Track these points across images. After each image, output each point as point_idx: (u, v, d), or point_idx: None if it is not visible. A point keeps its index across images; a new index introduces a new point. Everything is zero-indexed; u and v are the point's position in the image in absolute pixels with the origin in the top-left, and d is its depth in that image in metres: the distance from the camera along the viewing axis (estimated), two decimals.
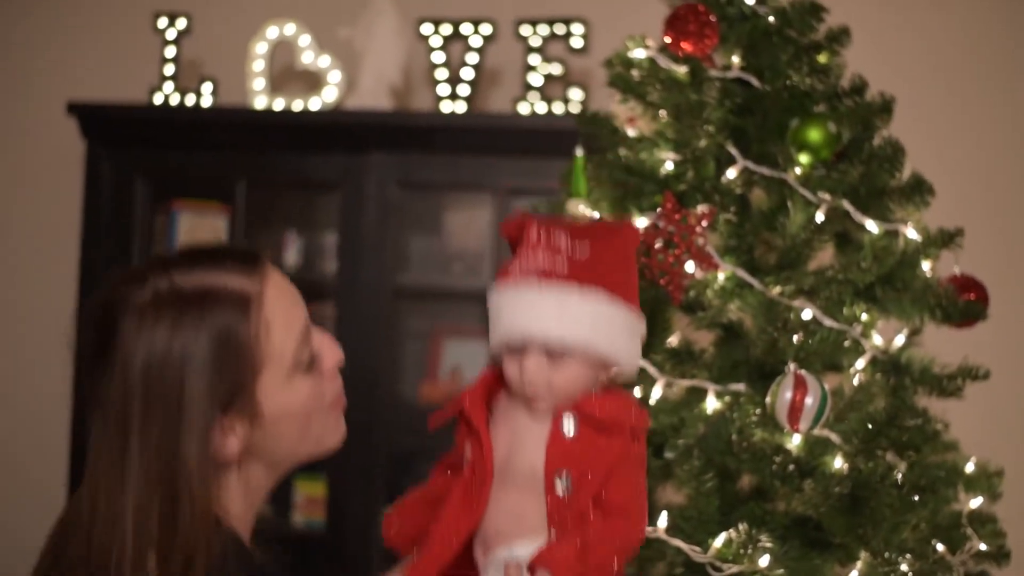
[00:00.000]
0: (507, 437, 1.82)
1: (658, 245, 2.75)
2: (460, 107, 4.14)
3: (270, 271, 1.76)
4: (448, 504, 1.81)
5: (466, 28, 4.17)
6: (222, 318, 1.67)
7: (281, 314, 1.74)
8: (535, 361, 1.77)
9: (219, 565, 1.63)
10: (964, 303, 2.99)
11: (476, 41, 4.16)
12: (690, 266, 2.77)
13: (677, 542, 2.73)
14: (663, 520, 2.73)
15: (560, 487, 1.74)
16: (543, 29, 4.13)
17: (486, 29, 4.16)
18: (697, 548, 2.72)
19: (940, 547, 2.87)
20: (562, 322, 1.75)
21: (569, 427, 1.77)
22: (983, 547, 2.99)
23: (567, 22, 4.13)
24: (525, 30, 4.14)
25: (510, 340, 1.80)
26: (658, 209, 2.79)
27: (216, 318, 1.67)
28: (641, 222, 2.84)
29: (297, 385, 1.75)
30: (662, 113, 2.99)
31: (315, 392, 1.79)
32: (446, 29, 4.19)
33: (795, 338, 2.80)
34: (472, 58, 4.16)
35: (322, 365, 1.81)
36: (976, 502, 3.04)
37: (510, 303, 1.79)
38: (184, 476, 1.63)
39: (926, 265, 2.99)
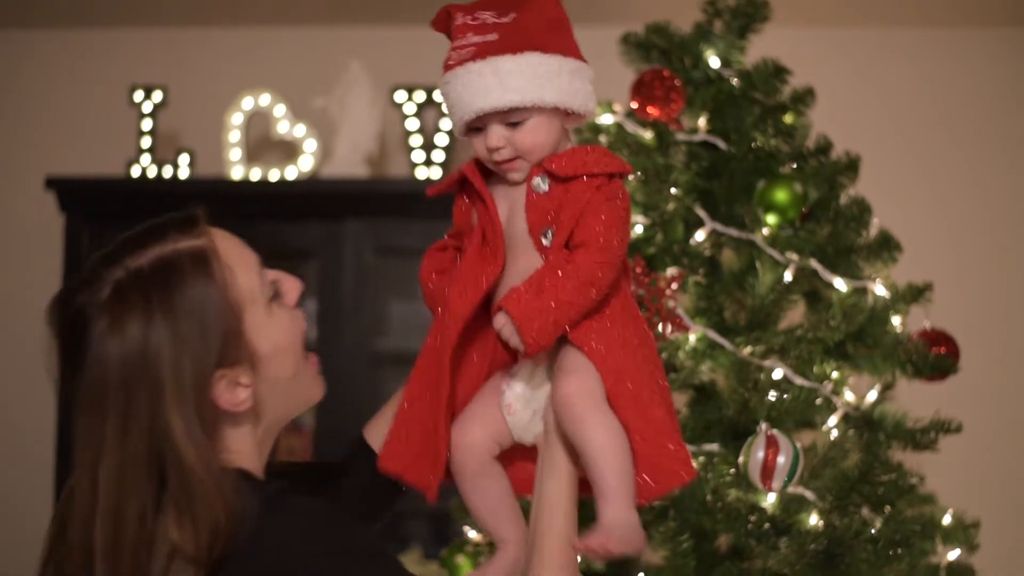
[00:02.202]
0: (504, 207, 1.86)
1: None
2: (435, 173, 4.18)
3: (208, 227, 1.78)
4: (461, 266, 1.85)
5: (439, 95, 4.20)
6: (188, 282, 1.68)
7: (237, 257, 1.76)
8: (494, 131, 1.81)
9: (243, 515, 1.63)
10: (935, 357, 3.02)
11: None
12: (663, 329, 2.80)
13: None
14: None
15: (546, 244, 1.79)
16: None
17: None
18: None
19: None
20: (504, 88, 1.79)
21: (540, 185, 1.81)
22: None
23: None
24: None
25: (467, 120, 1.84)
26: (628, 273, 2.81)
27: (184, 280, 1.68)
28: None
29: (277, 316, 1.78)
30: (630, 177, 3.02)
31: (294, 320, 1.82)
32: (420, 96, 4.23)
33: (770, 396, 2.83)
34: (446, 124, 4.20)
35: (287, 297, 1.84)
36: (954, 554, 3.05)
37: (456, 87, 1.83)
38: (181, 445, 1.64)
39: (896, 320, 3.02)
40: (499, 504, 1.86)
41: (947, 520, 3.06)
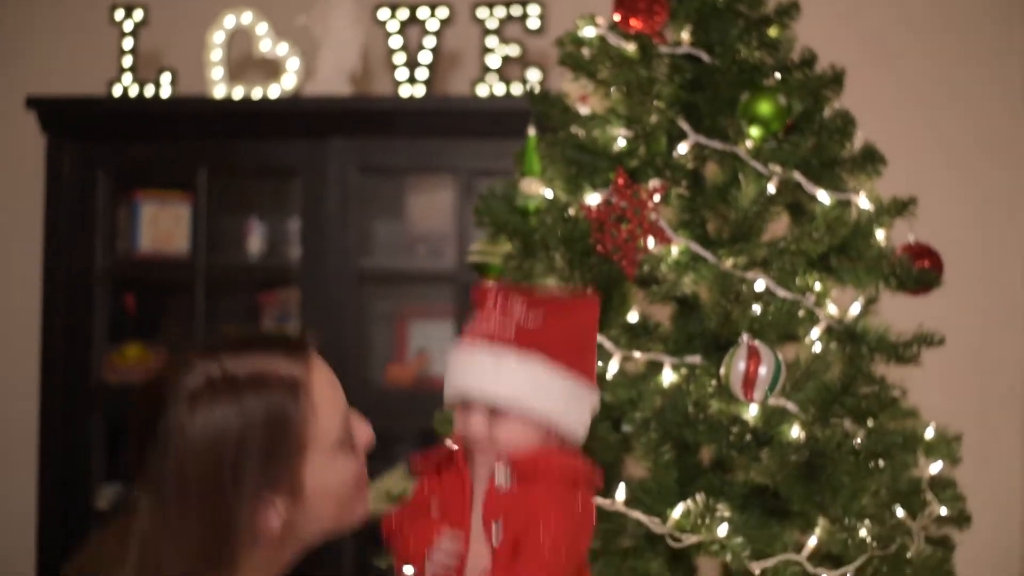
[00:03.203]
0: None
1: (611, 221, 2.77)
2: (419, 91, 4.15)
3: (314, 357, 1.83)
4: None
5: (423, 12, 4.17)
6: (275, 400, 1.75)
7: (327, 397, 1.81)
8: (476, 417, 1.87)
9: None
10: (918, 271, 3.02)
11: (433, 25, 4.17)
12: (644, 241, 2.79)
13: (637, 514, 2.76)
14: (622, 493, 2.76)
15: (495, 537, 1.82)
16: (500, 11, 4.14)
17: (443, 12, 4.17)
18: (657, 519, 2.75)
19: (900, 512, 2.90)
20: (498, 382, 1.85)
21: (502, 478, 1.85)
22: (944, 511, 3.02)
23: (523, 3, 4.13)
24: (482, 12, 4.15)
25: (455, 397, 1.91)
26: (610, 185, 2.81)
27: (270, 400, 1.74)
28: (594, 198, 2.86)
29: (339, 464, 1.83)
30: (613, 90, 3.00)
31: (355, 471, 1.87)
32: (403, 14, 4.19)
33: (753, 309, 2.83)
34: (430, 42, 4.17)
35: (356, 445, 1.88)
36: (936, 467, 3.07)
37: (458, 361, 1.90)
38: (231, 547, 1.72)
39: (880, 234, 3.02)
40: None
41: (929, 434, 3.07)
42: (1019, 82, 4.37)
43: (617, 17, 3.01)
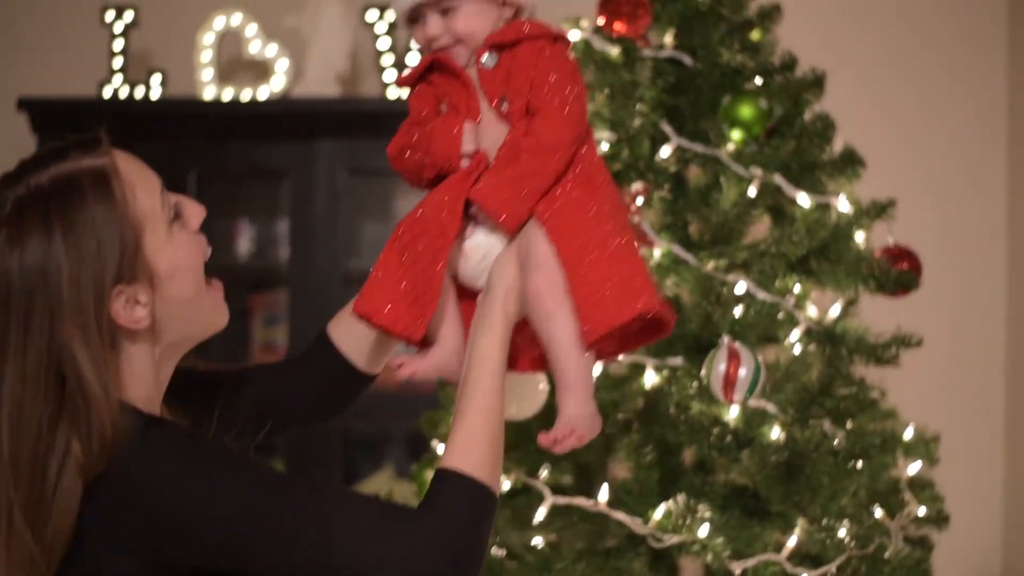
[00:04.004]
0: None
1: None
2: (407, 93, 4.16)
3: (111, 149, 1.79)
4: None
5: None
6: (87, 199, 1.71)
7: (138, 177, 1.77)
8: (431, 21, 1.86)
9: (130, 441, 1.67)
10: (897, 273, 3.05)
11: None
12: None
13: (619, 515, 2.79)
14: (605, 493, 2.79)
15: (504, 108, 1.84)
16: None
17: None
18: (639, 520, 2.78)
19: (879, 512, 2.93)
20: None
21: (488, 61, 1.86)
22: (922, 511, 3.05)
23: None
24: None
25: (404, 10, 1.90)
26: None
27: (81, 202, 1.70)
28: None
29: (177, 238, 1.80)
30: (597, 94, 3.03)
31: (194, 243, 1.84)
32: (391, 15, 4.21)
33: (735, 310, 2.86)
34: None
35: (189, 222, 1.85)
36: (915, 468, 3.10)
37: None
38: (79, 357, 1.68)
39: (859, 236, 3.05)
40: (447, 309, 1.89)
41: (908, 434, 3.11)
42: (998, 85, 4.39)
43: (601, 21, 3.04)
